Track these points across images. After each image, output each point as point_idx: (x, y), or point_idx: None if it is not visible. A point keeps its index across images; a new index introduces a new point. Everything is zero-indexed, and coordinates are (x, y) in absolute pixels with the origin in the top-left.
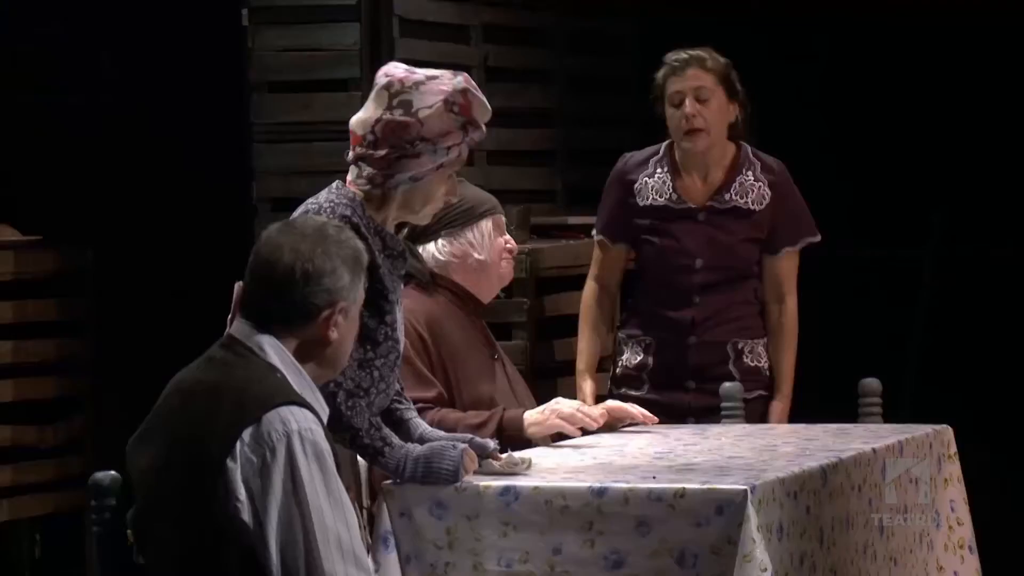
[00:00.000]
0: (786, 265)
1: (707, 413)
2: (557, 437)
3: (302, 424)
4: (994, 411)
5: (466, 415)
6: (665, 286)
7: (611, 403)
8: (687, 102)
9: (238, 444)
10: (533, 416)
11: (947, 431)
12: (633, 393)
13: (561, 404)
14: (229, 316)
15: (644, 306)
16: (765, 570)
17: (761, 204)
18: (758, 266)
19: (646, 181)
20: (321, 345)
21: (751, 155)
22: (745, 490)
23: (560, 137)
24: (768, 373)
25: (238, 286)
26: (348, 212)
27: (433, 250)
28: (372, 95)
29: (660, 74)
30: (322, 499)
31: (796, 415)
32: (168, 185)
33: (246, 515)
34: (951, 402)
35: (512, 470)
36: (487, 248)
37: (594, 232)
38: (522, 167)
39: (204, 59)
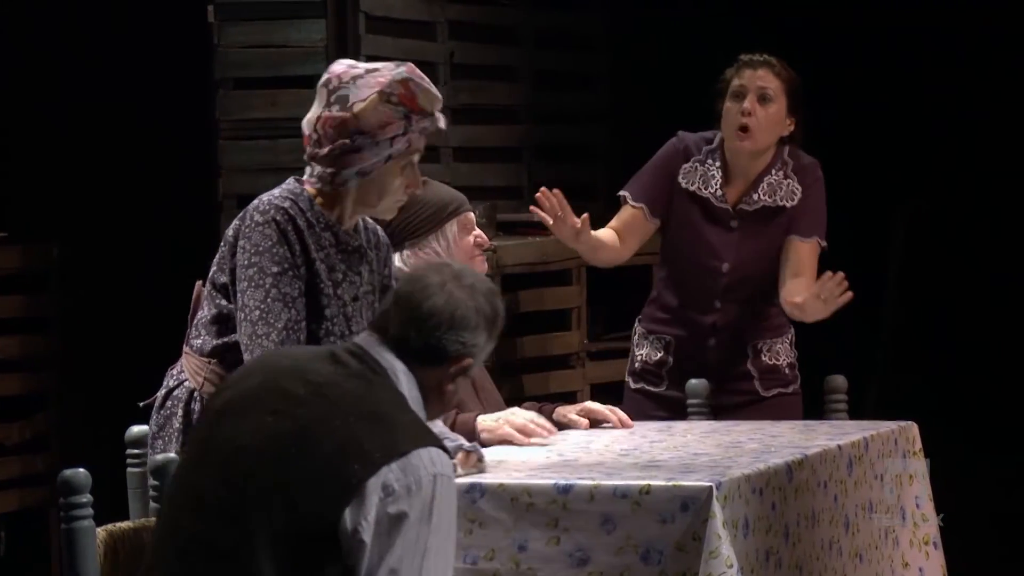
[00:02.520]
0: (811, 251)
1: (726, 411)
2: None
3: (445, 469)
4: (959, 408)
5: None
6: (689, 286)
7: (589, 404)
8: (748, 97)
9: (385, 470)
10: (487, 423)
11: (912, 427)
12: (652, 389)
13: (516, 415)
14: (189, 315)
15: (666, 302)
16: (731, 566)
17: (792, 200)
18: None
19: (696, 167)
20: (437, 392)
21: (786, 154)
22: (710, 487)
23: (527, 134)
24: (787, 371)
25: (199, 285)
26: (287, 204)
27: (399, 262)
28: (316, 94)
29: (731, 69)
30: (438, 549)
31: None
32: (134, 182)
33: (367, 536)
34: (916, 398)
35: (468, 472)
36: (454, 253)
37: (629, 196)
38: (488, 164)
39: (170, 56)
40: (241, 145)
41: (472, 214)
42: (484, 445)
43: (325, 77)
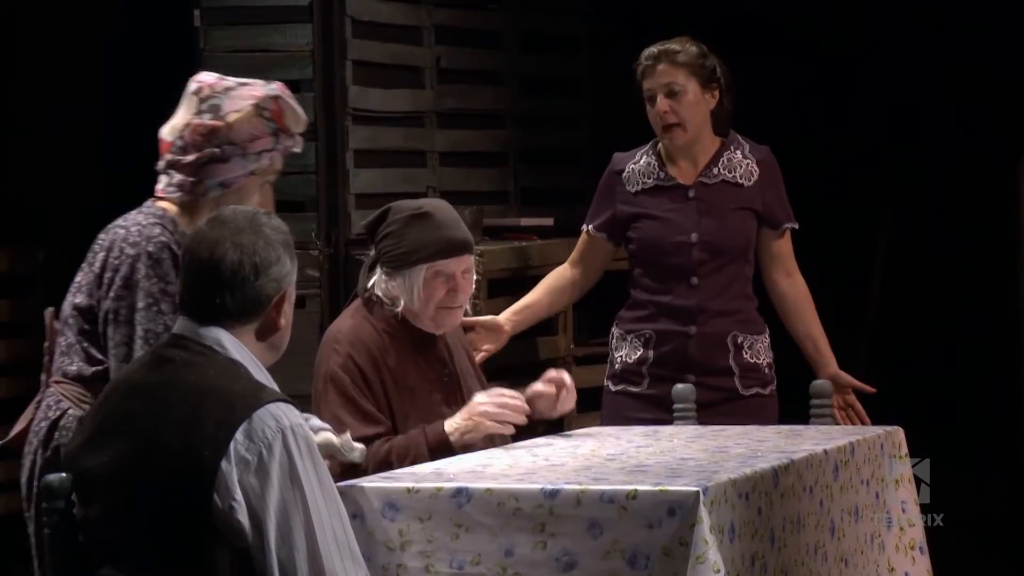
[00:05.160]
0: (787, 243)
1: (702, 407)
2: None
3: (293, 420)
4: (945, 411)
5: (393, 442)
6: (662, 271)
7: (550, 372)
8: (659, 99)
9: (232, 444)
10: (459, 424)
11: (898, 432)
12: (633, 389)
13: (482, 402)
14: (47, 344)
15: (643, 298)
16: (718, 571)
17: (750, 180)
18: (753, 254)
19: (633, 168)
20: (271, 332)
21: (740, 138)
22: (697, 491)
23: (513, 138)
24: (767, 371)
25: (49, 313)
26: (157, 231)
27: (376, 279)
28: (183, 102)
29: (636, 71)
30: (317, 495)
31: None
32: (120, 185)
33: (242, 516)
34: (902, 403)
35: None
36: (415, 298)
37: (586, 227)
38: (475, 168)
39: (155, 59)
40: None
41: (455, 261)
42: (470, 449)
43: (195, 86)
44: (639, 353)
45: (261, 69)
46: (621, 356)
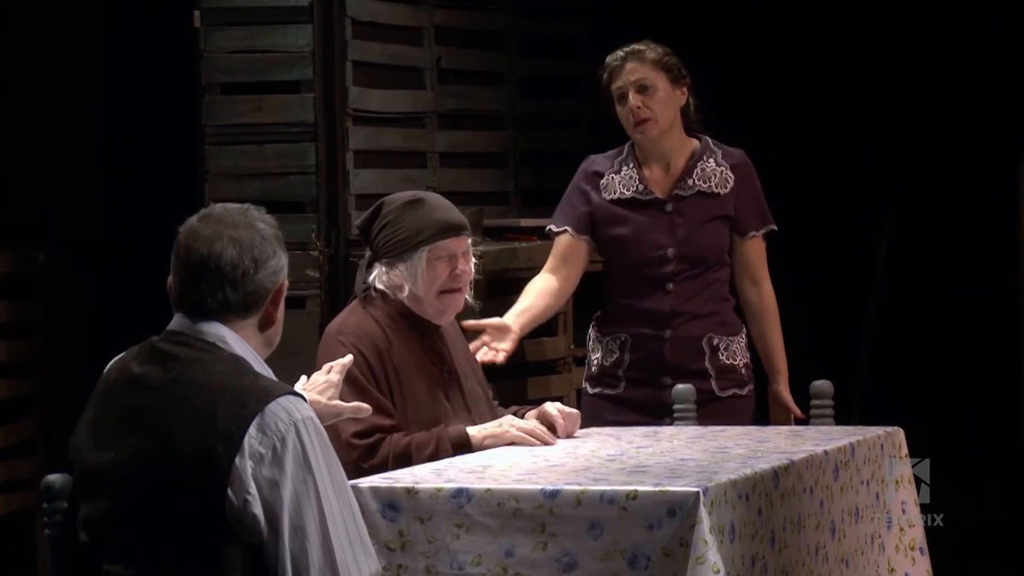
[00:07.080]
0: (755, 249)
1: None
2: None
3: (304, 412)
4: (945, 411)
5: (414, 438)
6: (638, 279)
7: (546, 407)
8: (630, 96)
9: (246, 440)
10: (488, 428)
11: (898, 433)
12: (609, 392)
13: (517, 422)
14: None
15: (618, 302)
16: (718, 572)
17: (726, 188)
18: (729, 255)
19: (612, 177)
20: (268, 325)
21: (712, 145)
22: (697, 492)
23: (513, 139)
24: (743, 372)
25: None
26: None
27: (376, 273)
28: None
29: (603, 77)
30: (328, 487)
31: None
32: (119, 187)
33: (256, 509)
34: (902, 403)
35: None
36: (420, 282)
37: (553, 227)
38: (475, 169)
39: (155, 60)
40: (227, 150)
41: (455, 241)
42: (480, 448)
43: None
44: (615, 356)
45: (261, 69)
46: (597, 359)
